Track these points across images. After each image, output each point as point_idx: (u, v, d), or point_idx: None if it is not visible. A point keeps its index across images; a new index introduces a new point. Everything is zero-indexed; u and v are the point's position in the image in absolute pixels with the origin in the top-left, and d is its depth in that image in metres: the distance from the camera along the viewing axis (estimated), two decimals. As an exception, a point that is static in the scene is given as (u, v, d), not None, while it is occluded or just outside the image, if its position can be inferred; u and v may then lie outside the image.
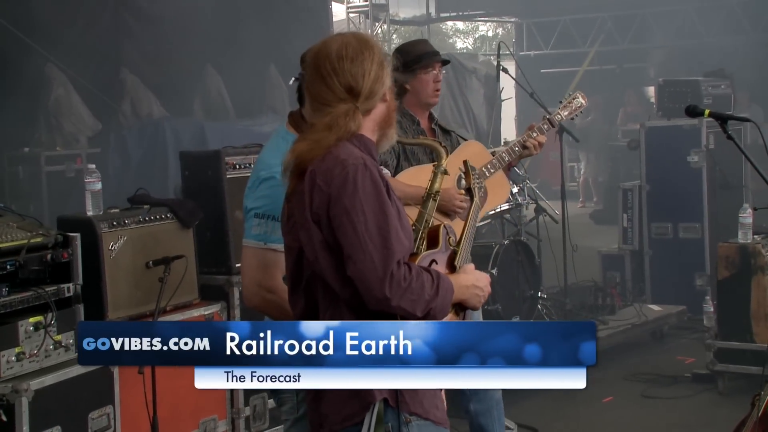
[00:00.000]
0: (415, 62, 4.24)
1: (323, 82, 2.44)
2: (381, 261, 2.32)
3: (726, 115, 3.59)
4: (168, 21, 9.87)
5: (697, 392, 5.86)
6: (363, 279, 2.32)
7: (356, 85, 2.44)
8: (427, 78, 4.26)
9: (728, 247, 5.82)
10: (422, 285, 2.36)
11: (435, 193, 2.73)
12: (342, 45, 2.46)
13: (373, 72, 2.46)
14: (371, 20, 15.01)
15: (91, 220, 4.34)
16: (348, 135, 2.43)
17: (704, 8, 14.12)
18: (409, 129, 4.22)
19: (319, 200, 2.37)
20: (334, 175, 2.36)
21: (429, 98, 4.28)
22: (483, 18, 19.94)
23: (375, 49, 2.49)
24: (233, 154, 4.96)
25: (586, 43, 15.60)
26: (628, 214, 7.96)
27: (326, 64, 2.44)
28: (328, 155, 2.40)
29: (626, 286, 7.77)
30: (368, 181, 2.37)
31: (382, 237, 2.34)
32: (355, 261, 2.33)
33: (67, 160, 8.79)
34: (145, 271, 4.45)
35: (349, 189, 2.35)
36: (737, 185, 7.64)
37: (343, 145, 2.42)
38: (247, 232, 2.83)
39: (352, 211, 2.34)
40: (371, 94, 2.46)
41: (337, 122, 2.41)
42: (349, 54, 2.44)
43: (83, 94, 9.14)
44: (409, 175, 4.08)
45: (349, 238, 2.34)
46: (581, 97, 4.53)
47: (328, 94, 2.44)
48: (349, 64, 2.44)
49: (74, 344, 4.07)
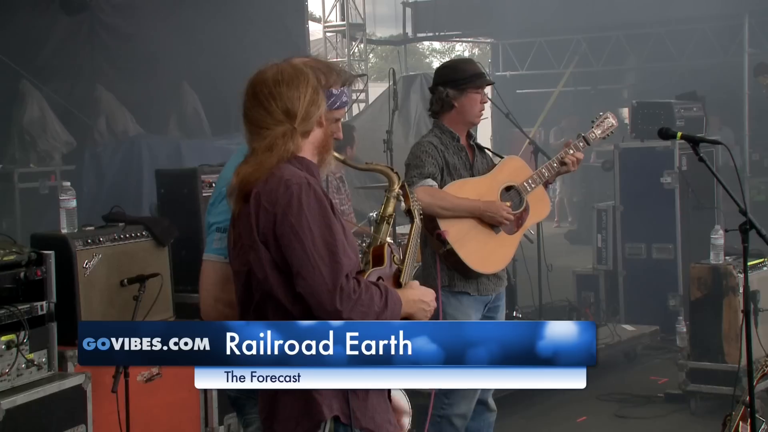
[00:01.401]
0: (468, 81, 4.27)
1: (261, 107, 2.52)
2: (330, 275, 2.38)
3: (698, 138, 3.64)
4: (144, 38, 9.86)
5: (670, 412, 5.89)
6: (313, 293, 2.38)
7: (293, 108, 2.51)
8: (476, 98, 4.30)
9: (700, 268, 5.87)
10: (371, 297, 2.42)
11: (388, 216, 2.79)
12: (277, 71, 2.55)
13: (308, 95, 2.54)
14: (348, 39, 15.08)
15: (65, 237, 4.32)
16: (288, 155, 2.51)
17: (676, 32, 14.30)
18: (450, 145, 4.28)
19: (265, 220, 2.43)
20: (279, 195, 2.43)
21: (475, 117, 4.33)
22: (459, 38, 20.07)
23: (309, 75, 2.58)
24: (209, 173, 4.96)
25: (561, 65, 15.73)
26: (603, 234, 8.02)
27: (263, 89, 2.52)
28: (270, 177, 2.46)
29: (600, 306, 7.82)
30: (312, 199, 2.44)
31: (329, 251, 2.40)
32: (305, 277, 2.38)
33: (41, 177, 8.74)
34: (120, 289, 4.43)
35: (294, 208, 2.41)
36: (709, 206, 7.72)
37: (285, 166, 2.49)
38: (208, 247, 2.85)
39: (298, 229, 2.40)
40: (307, 115, 2.54)
41: (276, 143, 2.49)
42: (285, 79, 2.53)
43: (58, 111, 9.10)
44: (455, 187, 4.17)
45: (298, 255, 2.39)
46: (612, 117, 4.58)
47: (267, 118, 2.51)
48: (285, 88, 2.52)
49: (47, 363, 4.04)
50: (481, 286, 4.21)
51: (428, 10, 16.43)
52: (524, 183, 4.30)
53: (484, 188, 4.23)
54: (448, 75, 4.34)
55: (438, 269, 4.12)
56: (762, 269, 5.91)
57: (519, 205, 4.28)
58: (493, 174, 4.32)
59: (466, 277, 4.16)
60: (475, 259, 4.12)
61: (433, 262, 4.18)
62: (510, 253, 4.34)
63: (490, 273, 4.23)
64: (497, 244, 4.21)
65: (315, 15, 18.32)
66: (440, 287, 4.08)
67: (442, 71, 4.41)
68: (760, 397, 5.52)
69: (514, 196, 4.30)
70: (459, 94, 4.27)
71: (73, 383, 4.06)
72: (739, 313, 5.31)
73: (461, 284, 4.18)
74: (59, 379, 4.04)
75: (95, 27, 9.78)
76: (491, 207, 4.16)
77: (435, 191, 4.11)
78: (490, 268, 4.21)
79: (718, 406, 5.43)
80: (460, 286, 4.18)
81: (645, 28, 14.44)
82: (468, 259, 4.10)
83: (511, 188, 4.30)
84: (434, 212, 4.05)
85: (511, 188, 4.30)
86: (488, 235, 4.18)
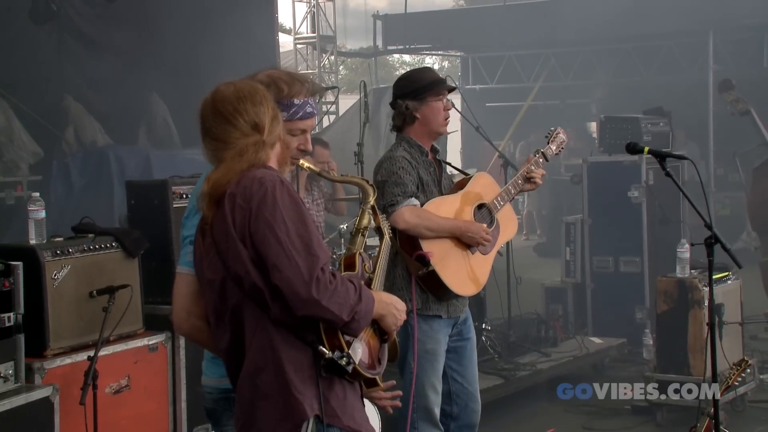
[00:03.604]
0: (426, 90, 4.10)
1: (228, 123, 2.54)
2: (306, 266, 2.39)
3: (664, 153, 3.69)
4: (114, 49, 9.80)
5: (637, 424, 5.95)
6: (289, 284, 2.38)
7: (260, 122, 2.54)
8: (438, 106, 4.12)
9: (667, 281, 5.94)
10: (347, 289, 2.44)
11: (363, 228, 2.82)
12: (236, 89, 2.58)
13: (270, 110, 2.58)
14: (318, 51, 15.09)
15: (34, 248, 4.28)
16: (259, 163, 2.53)
17: (643, 48, 14.50)
18: (420, 160, 4.12)
19: (241, 217, 2.44)
20: (253, 192, 2.45)
21: (440, 127, 4.16)
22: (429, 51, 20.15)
23: (265, 91, 2.62)
24: (180, 184, 4.94)
25: (530, 79, 15.87)
26: (571, 247, 8.09)
27: (227, 107, 2.54)
28: (243, 178, 2.49)
29: (568, 318, 7.88)
30: (286, 195, 2.46)
31: (304, 244, 2.42)
32: (281, 269, 2.39)
33: (7, 187, 8.65)
34: (89, 300, 4.40)
35: (269, 203, 2.43)
36: (675, 220, 7.81)
37: (255, 169, 2.51)
38: (182, 260, 2.84)
39: (273, 223, 2.42)
40: (273, 129, 2.57)
41: (247, 149, 2.52)
42: (246, 95, 2.56)
43: (25, 121, 9.01)
44: (433, 206, 4.04)
45: (273, 248, 2.40)
46: (562, 132, 4.55)
47: (234, 133, 2.53)
48: (249, 104, 2.55)
49: (14, 375, 4.00)
50: (452, 307, 4.11)
51: (398, 23, 16.51)
52: (494, 201, 4.20)
53: (460, 207, 4.12)
54: (406, 86, 4.16)
55: (413, 291, 3.96)
56: (726, 282, 6.00)
57: (491, 223, 4.19)
58: (465, 192, 4.19)
59: (440, 299, 4.04)
60: (455, 280, 4.00)
61: (405, 284, 3.99)
62: (486, 274, 4.21)
63: (468, 295, 4.15)
64: (474, 264, 4.11)
65: (285, 27, 18.35)
66: (415, 310, 3.93)
67: (400, 83, 4.22)
68: (724, 408, 5.61)
69: (486, 214, 4.20)
70: (420, 105, 4.09)
71: (40, 395, 4.02)
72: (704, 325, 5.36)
73: (435, 307, 4.04)
74: (26, 391, 3.99)
75: (64, 36, 9.70)
76: (471, 228, 4.04)
77: (421, 212, 3.98)
78: (469, 290, 4.11)
79: (683, 417, 5.49)
80: (434, 309, 4.04)
81: (613, 43, 14.62)
82: (449, 280, 3.97)
83: (483, 206, 4.20)
84: (419, 233, 3.93)
85: (482, 206, 4.20)
86: (465, 255, 4.07)
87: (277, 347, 2.45)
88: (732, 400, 5.86)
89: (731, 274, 6.07)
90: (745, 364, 4.54)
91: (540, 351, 6.88)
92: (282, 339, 2.46)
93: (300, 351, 2.47)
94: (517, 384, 6.31)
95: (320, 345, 2.46)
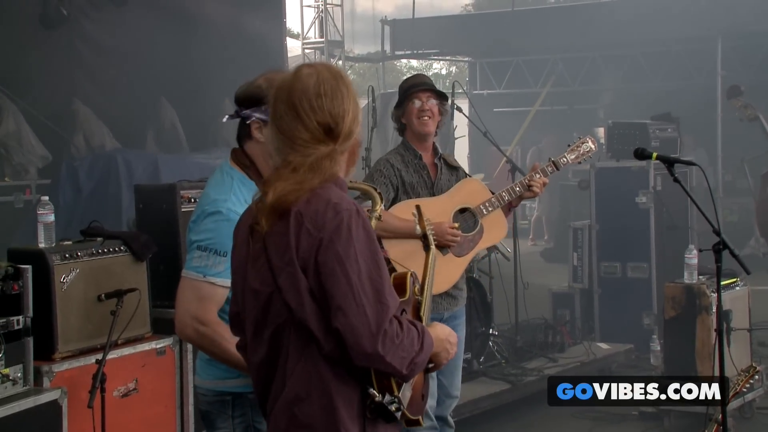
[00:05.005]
0: (404, 96, 4.37)
1: (299, 121, 2.28)
2: (375, 316, 2.18)
3: (673, 159, 3.69)
4: (123, 53, 9.83)
5: (644, 430, 5.94)
6: (353, 333, 2.17)
7: (335, 127, 2.30)
8: (412, 108, 4.34)
9: (674, 287, 5.93)
10: (412, 341, 2.24)
11: None
12: (318, 81, 2.30)
13: (351, 111, 2.33)
14: (326, 56, 15.14)
15: (43, 252, 4.29)
16: (332, 179, 2.30)
17: (651, 53, 14.50)
18: (411, 163, 4.31)
19: (308, 245, 2.22)
20: (327, 220, 2.22)
21: (416, 127, 4.34)
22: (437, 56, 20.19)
23: (348, 83, 2.36)
24: (188, 188, 4.95)
25: (537, 84, 15.88)
26: (578, 252, 8.08)
27: (303, 102, 2.28)
28: (314, 197, 2.25)
29: (576, 324, 7.87)
30: (362, 229, 2.25)
31: (375, 290, 2.20)
32: (347, 314, 2.17)
33: (16, 191, 8.66)
34: (97, 304, 4.41)
35: (343, 235, 2.21)
36: (683, 226, 7.80)
37: (329, 188, 2.29)
38: (188, 264, 2.83)
39: (345, 260, 2.19)
40: (350, 134, 2.34)
41: (321, 165, 2.27)
42: (327, 91, 2.30)
43: (34, 124, 9.04)
44: (400, 208, 4.14)
45: (341, 288, 2.18)
46: (591, 141, 4.50)
47: (304, 134, 2.28)
48: (329, 102, 2.30)
49: (22, 378, 4.01)
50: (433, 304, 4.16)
51: (406, 28, 16.54)
52: (480, 206, 4.29)
53: (437, 209, 4.21)
54: (398, 98, 4.44)
55: None
56: (734, 289, 5.99)
57: (473, 227, 4.28)
58: (449, 195, 4.34)
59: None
60: None
61: None
62: (455, 274, 4.27)
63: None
64: (442, 264, 4.09)
65: (294, 32, 18.37)
66: None
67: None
68: (732, 415, 5.59)
69: (469, 218, 4.31)
70: (402, 112, 4.38)
71: (48, 398, 4.03)
72: (712, 331, 5.36)
73: None
74: (35, 394, 4.00)
75: (74, 40, 9.73)
76: (436, 229, 3.99)
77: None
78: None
79: (691, 424, 5.47)
80: None
81: (621, 49, 14.63)
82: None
83: (466, 210, 4.30)
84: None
85: (465, 210, 4.30)
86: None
87: (327, 379, 2.26)
88: (740, 406, 5.84)
89: (739, 281, 6.06)
90: (753, 370, 4.53)
91: (547, 356, 6.87)
92: (332, 372, 2.25)
93: (350, 387, 2.27)
94: (524, 389, 6.30)
95: (369, 386, 2.26)
